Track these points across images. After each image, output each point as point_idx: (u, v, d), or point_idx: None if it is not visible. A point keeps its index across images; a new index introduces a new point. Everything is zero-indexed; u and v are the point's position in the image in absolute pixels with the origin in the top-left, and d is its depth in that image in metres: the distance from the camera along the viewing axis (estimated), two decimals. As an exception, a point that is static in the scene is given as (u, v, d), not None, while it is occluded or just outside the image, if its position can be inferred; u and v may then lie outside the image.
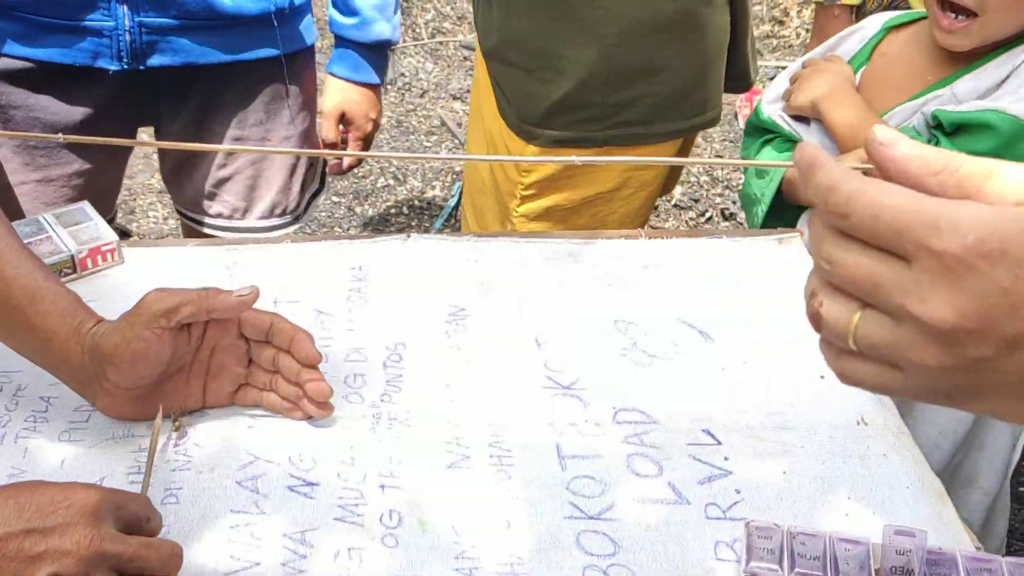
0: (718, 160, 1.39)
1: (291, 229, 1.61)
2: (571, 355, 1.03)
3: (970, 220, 0.40)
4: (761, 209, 1.37)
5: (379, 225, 3.00)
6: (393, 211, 3.06)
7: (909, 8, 1.60)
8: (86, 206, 1.12)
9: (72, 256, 1.06)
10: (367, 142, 1.62)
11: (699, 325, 1.08)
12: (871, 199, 0.43)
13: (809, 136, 1.38)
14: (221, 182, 1.51)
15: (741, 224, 2.98)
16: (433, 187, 3.17)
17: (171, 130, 1.47)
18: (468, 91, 3.87)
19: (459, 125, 3.54)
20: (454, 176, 3.20)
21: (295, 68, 1.48)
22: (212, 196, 1.53)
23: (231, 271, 1.13)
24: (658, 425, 0.94)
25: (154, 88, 1.40)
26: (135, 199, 3.00)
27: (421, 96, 3.78)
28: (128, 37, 1.28)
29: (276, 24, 1.39)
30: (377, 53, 1.55)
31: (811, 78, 1.38)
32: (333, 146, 1.58)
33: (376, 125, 1.62)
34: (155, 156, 2.63)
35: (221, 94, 1.44)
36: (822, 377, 1.00)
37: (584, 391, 0.98)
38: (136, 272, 1.11)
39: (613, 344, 1.04)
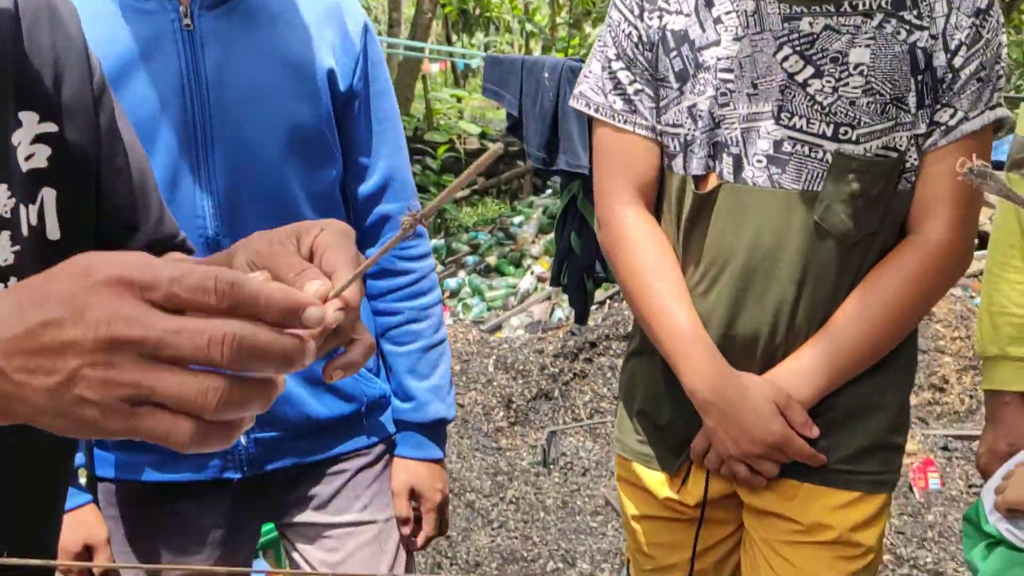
0: None
1: None
2: None
3: None
4: None
5: (550, 611, 2.97)
6: (563, 596, 3.04)
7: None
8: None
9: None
10: (440, 513, 1.70)
11: None
12: None
13: None
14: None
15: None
16: (603, 570, 3.15)
17: (285, 519, 1.63)
18: (629, 468, 3.94)
19: (624, 504, 3.58)
20: (623, 558, 3.19)
21: (382, 454, 1.66)
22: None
23: None
24: None
25: (268, 487, 1.59)
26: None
27: (583, 475, 3.87)
28: (247, 451, 1.51)
29: (364, 419, 1.61)
30: (436, 431, 1.67)
31: None
32: (406, 521, 1.67)
33: (443, 495, 1.71)
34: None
35: (325, 482, 1.62)
36: None
37: None
38: None
39: None
